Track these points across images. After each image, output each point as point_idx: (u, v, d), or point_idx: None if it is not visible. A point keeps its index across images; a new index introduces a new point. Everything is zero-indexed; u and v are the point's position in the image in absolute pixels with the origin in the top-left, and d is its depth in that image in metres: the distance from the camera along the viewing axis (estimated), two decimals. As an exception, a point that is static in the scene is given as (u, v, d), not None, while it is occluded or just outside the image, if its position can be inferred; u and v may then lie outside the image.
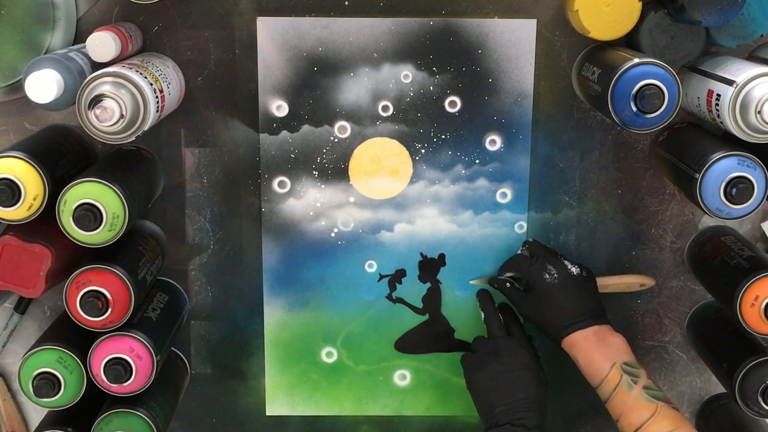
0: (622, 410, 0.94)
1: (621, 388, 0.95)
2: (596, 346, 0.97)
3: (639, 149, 1.07)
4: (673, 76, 0.90)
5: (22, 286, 0.93)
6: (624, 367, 0.96)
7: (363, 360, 1.13)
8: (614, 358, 0.96)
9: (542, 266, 1.02)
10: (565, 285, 1.01)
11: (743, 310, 0.94)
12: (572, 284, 1.01)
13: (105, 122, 0.87)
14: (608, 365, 0.96)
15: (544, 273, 1.01)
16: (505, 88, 1.05)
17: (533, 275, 1.02)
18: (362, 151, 1.07)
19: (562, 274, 1.01)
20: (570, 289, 1.01)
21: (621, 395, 0.94)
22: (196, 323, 1.11)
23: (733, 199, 0.91)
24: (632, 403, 0.93)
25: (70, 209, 0.89)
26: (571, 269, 1.02)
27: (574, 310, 1.00)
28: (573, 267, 1.02)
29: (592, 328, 0.99)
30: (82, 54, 0.94)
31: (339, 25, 1.03)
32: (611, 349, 0.97)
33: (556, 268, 1.01)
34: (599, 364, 0.96)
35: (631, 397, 0.94)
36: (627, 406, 0.94)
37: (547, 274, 1.01)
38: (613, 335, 0.99)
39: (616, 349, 0.97)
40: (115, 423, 0.96)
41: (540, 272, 1.02)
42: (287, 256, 1.10)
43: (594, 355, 0.97)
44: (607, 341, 0.98)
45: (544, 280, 1.01)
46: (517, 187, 1.08)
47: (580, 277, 1.02)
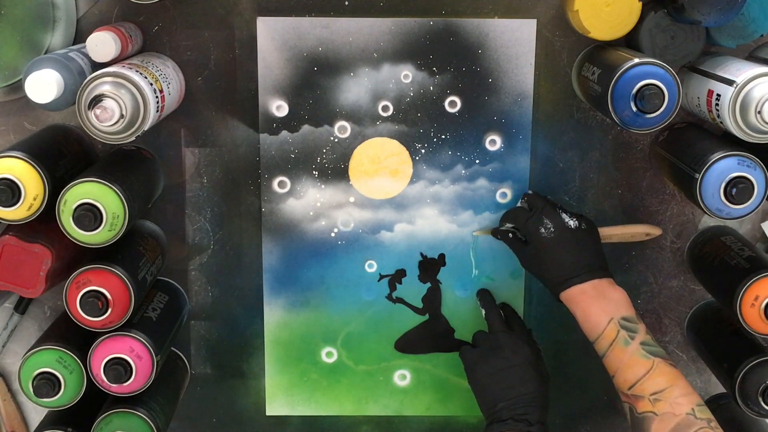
0: (618, 366, 0.93)
1: (617, 343, 0.93)
2: (594, 300, 0.96)
3: (639, 149, 1.07)
4: (673, 76, 0.90)
5: (22, 286, 0.93)
6: (621, 322, 0.94)
7: (363, 360, 1.13)
8: (612, 312, 0.95)
9: (538, 220, 1.00)
10: (561, 239, 0.99)
11: (743, 310, 0.94)
12: (569, 238, 0.99)
13: (105, 122, 0.87)
14: (605, 320, 0.94)
15: (540, 227, 1.00)
16: (505, 88, 1.05)
17: (529, 229, 1.01)
18: (362, 151, 1.07)
19: (558, 227, 0.99)
20: (566, 243, 0.99)
21: (617, 351, 0.93)
22: (196, 323, 1.11)
23: (733, 199, 0.91)
24: (628, 360, 0.92)
25: (70, 209, 0.89)
26: (569, 222, 1.00)
27: (571, 264, 0.98)
28: (571, 220, 1.00)
29: (590, 282, 0.97)
30: (82, 54, 0.94)
31: (339, 25, 1.03)
32: (610, 303, 0.96)
33: (552, 222, 1.00)
34: (596, 319, 0.95)
35: (627, 353, 0.92)
36: (623, 362, 0.92)
37: (543, 228, 1.00)
38: (614, 289, 0.97)
39: (615, 304, 0.96)
40: (115, 423, 0.96)
41: (536, 226, 1.00)
42: (287, 256, 1.10)
43: (591, 310, 0.95)
44: (605, 295, 0.96)
45: (540, 234, 1.00)
46: (517, 187, 1.08)
47: (578, 230, 1.00)
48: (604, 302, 0.96)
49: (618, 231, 1.07)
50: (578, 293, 0.97)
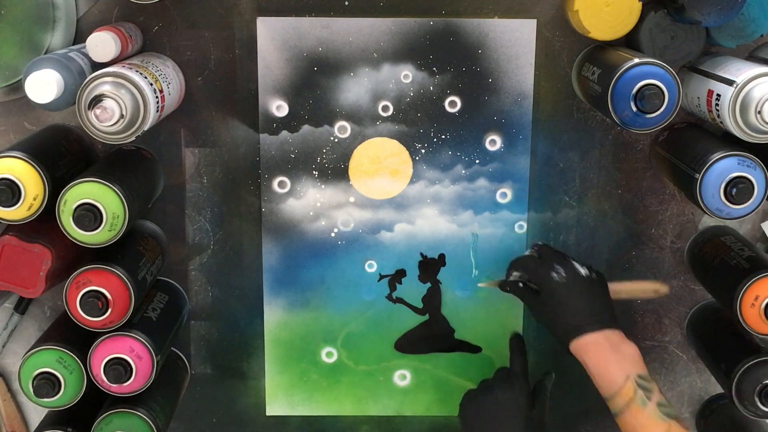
0: (634, 427, 0.91)
1: (634, 403, 0.91)
2: (609, 353, 0.93)
3: (639, 149, 1.07)
4: (673, 76, 0.90)
5: (22, 286, 0.93)
6: (638, 381, 0.92)
7: (363, 360, 1.13)
8: (628, 369, 0.92)
9: (550, 266, 0.99)
10: (573, 285, 0.98)
11: (743, 310, 0.94)
12: (581, 285, 0.98)
13: (105, 122, 0.87)
14: (622, 377, 0.92)
15: (552, 272, 0.98)
16: (505, 88, 1.05)
17: (540, 275, 0.99)
18: (362, 151, 1.07)
19: (570, 274, 0.98)
20: (578, 290, 0.98)
21: (634, 411, 0.91)
22: (196, 323, 1.11)
23: (733, 199, 0.91)
24: (646, 421, 0.90)
25: (70, 209, 0.89)
26: (580, 270, 0.99)
27: (583, 312, 0.96)
28: (582, 268, 0.99)
29: (603, 332, 0.95)
30: (82, 54, 0.94)
31: (339, 25, 1.03)
32: (624, 358, 0.93)
33: (563, 268, 0.98)
34: (612, 375, 0.93)
35: (645, 414, 0.91)
36: (640, 423, 0.91)
37: (555, 273, 0.98)
38: (627, 343, 0.95)
39: (630, 359, 0.93)
40: (115, 423, 0.96)
41: (547, 271, 0.99)
42: (287, 256, 1.10)
43: (607, 364, 0.93)
44: (620, 349, 0.94)
45: (552, 278, 0.98)
46: (517, 187, 1.08)
47: (589, 278, 0.99)
48: (618, 357, 0.93)
49: (626, 287, 1.06)
50: (591, 343, 0.95)
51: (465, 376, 1.13)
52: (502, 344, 1.11)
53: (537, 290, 1.00)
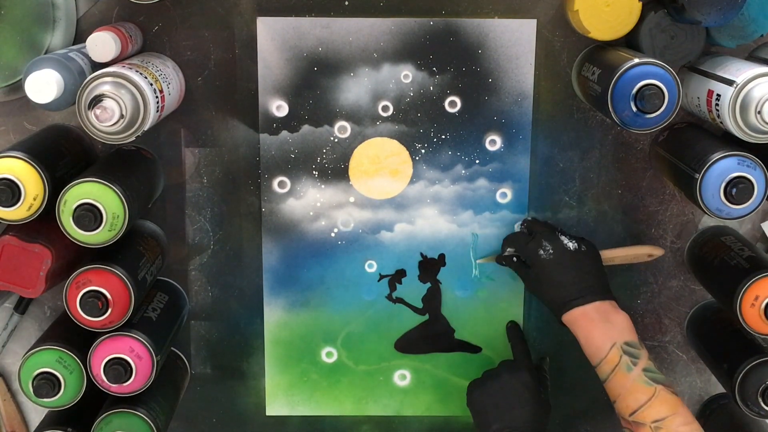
0: (619, 392, 0.93)
1: (619, 369, 0.93)
2: (596, 323, 0.95)
3: (639, 149, 1.07)
4: (673, 76, 0.90)
5: (22, 286, 0.93)
6: (624, 347, 0.93)
7: (363, 360, 1.13)
8: (615, 337, 0.94)
9: (538, 243, 1.01)
10: (561, 260, 0.99)
11: (743, 310, 0.94)
12: (569, 259, 0.99)
13: (105, 122, 0.87)
14: (608, 345, 0.94)
15: (539, 249, 1.00)
16: (505, 88, 1.05)
17: (529, 252, 1.01)
18: (362, 151, 1.07)
19: (557, 249, 1.00)
20: (566, 265, 0.99)
21: (619, 377, 0.93)
22: (196, 323, 1.11)
23: (733, 199, 0.91)
24: (630, 386, 0.92)
25: (70, 209, 0.89)
26: (568, 244, 1.00)
27: (572, 286, 0.98)
28: (570, 242, 1.00)
29: (592, 304, 0.97)
30: (82, 54, 0.94)
31: (339, 25, 1.03)
32: (613, 327, 0.95)
33: (551, 244, 1.00)
34: (599, 343, 0.94)
35: (630, 379, 0.92)
36: (625, 388, 0.92)
37: (542, 251, 1.00)
38: (617, 312, 0.96)
39: (618, 328, 0.95)
40: (115, 423, 0.96)
41: (535, 249, 1.00)
42: (287, 256, 1.10)
43: (593, 333, 0.95)
44: (609, 318, 0.96)
45: (539, 256, 1.00)
46: (517, 187, 1.08)
47: (578, 252, 1.00)
48: (607, 326, 0.95)
49: (620, 253, 1.07)
50: (580, 315, 0.97)
51: (465, 376, 1.13)
52: (502, 344, 1.12)
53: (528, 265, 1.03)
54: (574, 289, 0.98)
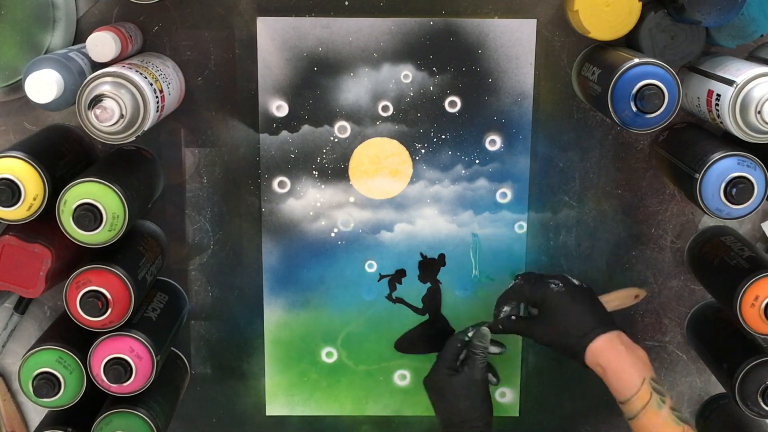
0: (650, 430, 0.91)
1: (651, 407, 0.91)
2: (625, 356, 0.93)
3: (639, 149, 1.07)
4: (673, 76, 0.90)
5: (22, 286, 0.93)
6: (653, 384, 0.92)
7: (363, 360, 1.13)
8: (643, 372, 0.92)
9: (545, 282, 0.99)
10: (574, 293, 0.97)
11: (743, 310, 0.94)
12: (580, 292, 0.98)
13: (105, 122, 0.87)
14: (639, 380, 0.91)
15: (551, 284, 0.98)
16: (505, 88, 1.05)
17: (538, 291, 0.98)
18: (362, 151, 1.07)
19: (567, 284, 0.98)
20: (580, 297, 0.97)
21: (650, 414, 0.90)
22: (196, 323, 1.11)
23: (733, 199, 0.91)
24: (662, 424, 0.90)
25: (70, 209, 0.89)
26: (573, 280, 0.99)
27: (591, 316, 0.96)
28: (575, 279, 1.00)
29: (615, 332, 0.94)
30: (82, 54, 0.94)
31: (339, 25, 1.03)
32: (638, 360, 0.93)
33: (559, 281, 0.98)
34: (630, 378, 0.92)
35: (661, 417, 0.90)
36: (656, 427, 0.90)
37: (554, 285, 0.98)
38: (636, 346, 0.94)
39: (643, 361, 0.93)
40: (115, 423, 0.96)
41: (546, 286, 0.98)
42: (287, 256, 1.10)
43: (624, 367, 0.92)
44: (634, 351, 0.93)
45: (552, 290, 0.98)
46: (517, 187, 1.08)
47: (582, 287, 0.99)
48: (633, 359, 0.93)
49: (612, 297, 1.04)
50: (607, 344, 0.93)
51: (465, 376, 1.13)
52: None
53: (532, 315, 1.01)
54: (593, 319, 0.95)
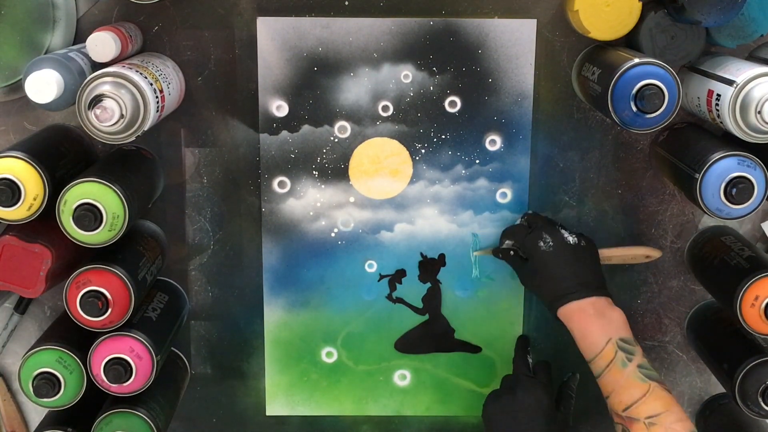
0: (613, 388, 0.93)
1: (615, 365, 0.93)
2: (592, 318, 0.95)
3: (639, 149, 1.07)
4: (673, 76, 0.90)
5: (22, 286, 0.93)
6: (620, 343, 0.94)
7: (363, 360, 1.13)
8: (611, 333, 0.94)
9: (538, 235, 1.01)
10: (560, 253, 0.99)
11: (743, 310, 0.94)
12: (568, 253, 0.99)
13: (105, 122, 0.87)
14: (603, 340, 0.94)
15: (539, 241, 1.00)
16: (505, 88, 1.05)
17: (528, 244, 1.01)
18: (362, 151, 1.07)
19: (557, 242, 1.00)
20: (565, 258, 0.99)
21: (614, 372, 0.93)
22: (196, 323, 1.11)
23: (733, 199, 0.91)
24: (625, 381, 0.92)
25: (70, 209, 0.89)
26: (568, 238, 1.00)
27: (570, 280, 0.98)
28: (570, 236, 1.01)
29: (589, 299, 0.97)
30: (82, 54, 0.94)
31: (339, 25, 1.03)
32: (608, 323, 0.95)
33: (551, 237, 1.00)
34: (594, 338, 0.94)
35: (624, 375, 0.92)
36: (619, 384, 0.92)
37: (542, 242, 1.00)
38: (612, 309, 0.96)
39: (614, 324, 0.95)
40: (115, 423, 0.96)
41: (535, 241, 1.00)
42: (287, 256, 1.10)
43: (589, 328, 0.95)
44: (604, 314, 0.96)
45: (539, 248, 1.00)
46: (517, 187, 1.08)
47: (577, 246, 1.00)
48: (602, 321, 0.95)
49: (618, 252, 1.07)
50: (576, 310, 0.97)
51: (465, 376, 1.13)
52: (502, 344, 1.12)
53: (526, 258, 1.02)
54: (571, 283, 0.98)
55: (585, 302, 0.97)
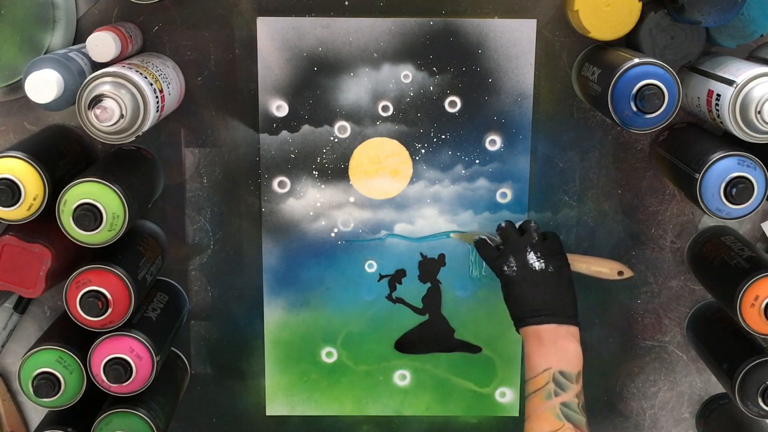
0: (530, 414, 0.93)
1: (540, 393, 0.92)
2: (541, 344, 0.95)
3: (639, 149, 1.07)
4: (673, 76, 0.90)
5: (22, 286, 0.93)
6: (556, 375, 0.93)
7: (363, 360, 1.13)
8: (552, 363, 0.93)
9: (504, 259, 1.00)
10: (523, 278, 0.98)
11: (743, 310, 0.94)
12: (532, 278, 0.98)
13: (105, 122, 0.87)
14: (542, 367, 0.94)
15: (504, 265, 1.00)
16: (505, 88, 1.05)
17: (495, 266, 1.01)
18: (362, 151, 1.07)
19: (521, 267, 0.99)
20: (527, 283, 0.98)
21: (537, 400, 0.92)
22: (196, 323, 1.11)
23: (733, 199, 0.91)
24: (541, 412, 0.92)
25: (70, 209, 0.89)
26: (534, 264, 0.99)
27: (529, 305, 0.97)
28: (537, 261, 0.99)
29: (546, 326, 0.96)
30: (82, 54, 0.94)
31: (339, 25, 1.03)
32: (556, 352, 0.94)
33: (516, 261, 0.99)
34: (535, 362, 0.94)
35: (544, 406, 0.92)
36: (536, 413, 0.92)
37: (506, 267, 0.99)
38: (569, 341, 0.95)
39: (562, 355, 0.94)
40: (115, 423, 0.96)
41: (500, 264, 1.00)
42: (287, 256, 1.10)
43: (535, 353, 0.95)
44: (557, 343, 0.95)
45: (503, 272, 1.00)
46: (517, 187, 1.08)
47: (544, 272, 0.98)
48: (551, 350, 0.95)
49: (585, 262, 1.05)
50: (532, 333, 0.96)
51: (465, 376, 1.13)
52: (502, 344, 1.12)
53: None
54: (529, 308, 0.97)
55: (542, 328, 0.96)
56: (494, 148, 1.07)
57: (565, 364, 0.94)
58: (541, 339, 0.95)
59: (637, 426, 1.15)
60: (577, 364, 0.94)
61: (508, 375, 1.13)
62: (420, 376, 1.13)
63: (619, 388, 1.13)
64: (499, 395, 1.14)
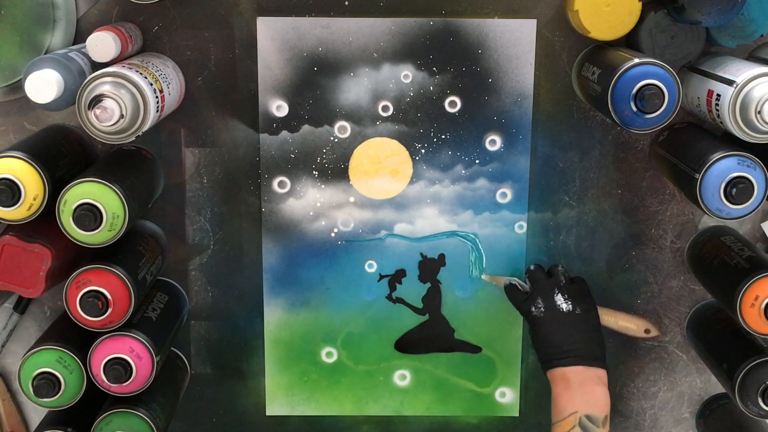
0: None
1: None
2: (569, 387, 0.95)
3: (639, 149, 1.07)
4: (673, 76, 0.90)
5: (22, 286, 0.93)
6: (582, 420, 0.93)
7: (363, 360, 1.13)
8: (579, 407, 0.94)
9: (532, 300, 1.01)
10: (551, 320, 0.99)
11: (743, 310, 0.94)
12: (559, 320, 0.99)
13: (105, 122, 0.87)
14: (569, 411, 0.94)
15: (531, 307, 1.01)
16: (505, 88, 1.05)
17: (523, 308, 1.02)
18: (362, 151, 1.07)
19: (549, 309, 1.00)
20: (555, 325, 0.99)
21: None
22: (196, 323, 1.11)
23: (733, 199, 0.91)
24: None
25: (70, 209, 0.89)
26: (561, 305, 1.00)
27: (557, 347, 0.98)
28: (565, 303, 1.00)
29: (573, 368, 0.96)
30: (82, 54, 0.94)
31: (339, 25, 1.03)
32: (583, 395, 0.94)
33: (544, 303, 1.00)
34: (562, 405, 0.95)
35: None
36: None
37: (534, 308, 1.00)
38: (597, 384, 0.95)
39: (589, 400, 0.94)
40: (115, 423, 0.96)
41: (528, 306, 1.01)
42: (287, 256, 1.10)
43: (562, 396, 0.95)
44: (584, 387, 0.95)
45: (531, 313, 1.01)
46: (517, 187, 1.08)
47: (571, 314, 0.99)
48: (577, 393, 0.95)
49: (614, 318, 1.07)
50: (559, 375, 0.96)
51: (465, 376, 1.13)
52: (502, 344, 1.12)
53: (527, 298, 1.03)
54: (558, 350, 0.97)
55: (569, 370, 0.96)
56: (494, 148, 1.07)
57: (591, 408, 0.94)
58: (568, 381, 0.95)
59: (637, 426, 1.15)
60: (603, 407, 0.94)
61: (508, 375, 1.13)
62: (420, 376, 1.13)
63: (619, 388, 1.13)
64: (499, 395, 1.14)
